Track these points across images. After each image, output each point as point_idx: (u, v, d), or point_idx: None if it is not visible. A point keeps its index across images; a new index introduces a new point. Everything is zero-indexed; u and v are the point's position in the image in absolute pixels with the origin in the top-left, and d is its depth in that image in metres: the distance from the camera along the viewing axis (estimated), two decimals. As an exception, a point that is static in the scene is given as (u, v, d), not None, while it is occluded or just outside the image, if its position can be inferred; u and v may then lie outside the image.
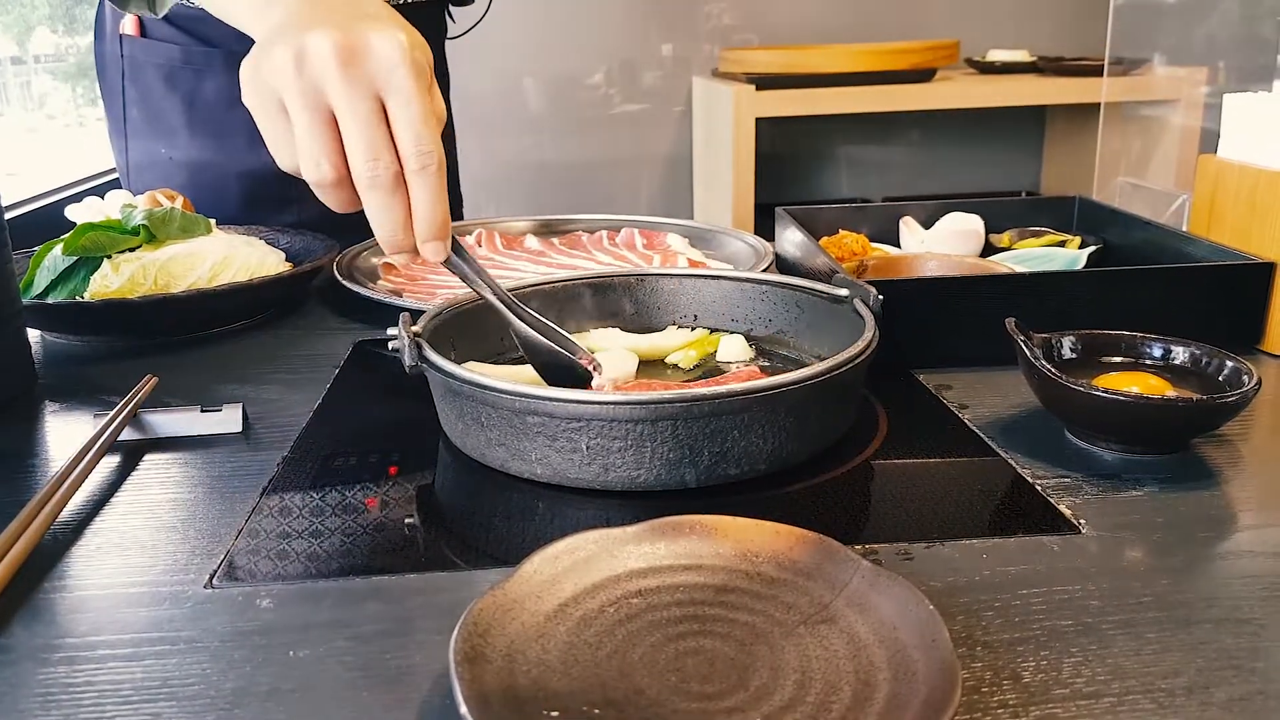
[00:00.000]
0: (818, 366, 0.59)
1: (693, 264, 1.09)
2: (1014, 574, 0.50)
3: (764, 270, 1.02)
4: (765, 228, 2.05)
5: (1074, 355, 0.69)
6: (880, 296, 0.71)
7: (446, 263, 0.60)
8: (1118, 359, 0.69)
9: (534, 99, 2.47)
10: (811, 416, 0.61)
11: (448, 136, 1.36)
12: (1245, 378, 0.62)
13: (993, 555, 0.52)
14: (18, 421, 0.72)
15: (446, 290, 1.02)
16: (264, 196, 1.15)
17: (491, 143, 2.43)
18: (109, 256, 0.88)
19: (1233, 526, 0.55)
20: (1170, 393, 0.64)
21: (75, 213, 1.02)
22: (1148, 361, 0.68)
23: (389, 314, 0.92)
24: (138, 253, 0.89)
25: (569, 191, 2.55)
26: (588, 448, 0.57)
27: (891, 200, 2.49)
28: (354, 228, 1.16)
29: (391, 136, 0.54)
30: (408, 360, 0.63)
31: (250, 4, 0.62)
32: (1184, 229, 1.05)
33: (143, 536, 0.55)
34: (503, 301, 0.66)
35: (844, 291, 0.74)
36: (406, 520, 0.57)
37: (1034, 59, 2.23)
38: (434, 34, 1.30)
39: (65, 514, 0.57)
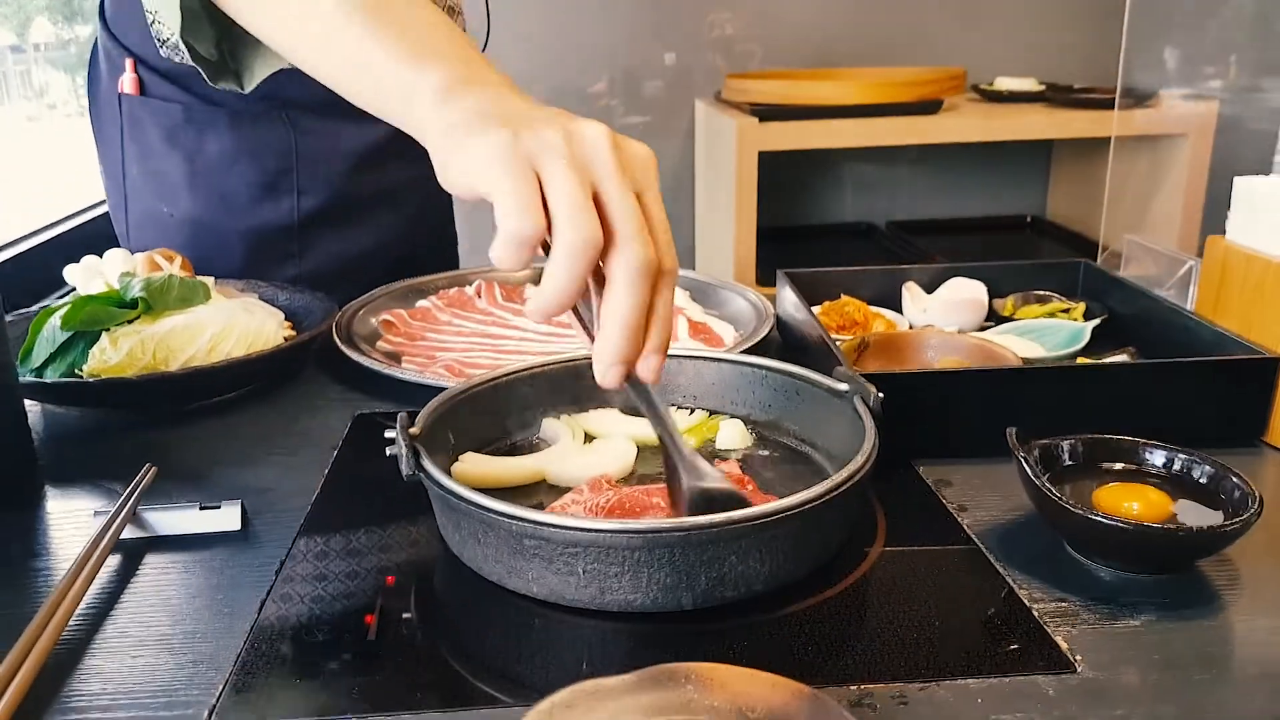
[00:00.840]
0: (816, 490, 0.59)
1: (693, 325, 1.09)
2: (1009, 724, 0.50)
3: (765, 333, 1.01)
4: (766, 254, 2.06)
5: (1074, 462, 0.69)
6: (880, 395, 0.71)
7: (640, 385, 0.56)
8: (1119, 466, 0.69)
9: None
10: (809, 537, 0.60)
11: None
12: (1249, 501, 0.61)
13: (988, 700, 0.52)
14: (18, 512, 0.72)
15: (445, 353, 1.02)
16: (265, 252, 1.15)
17: None
18: (107, 329, 0.88)
19: (1230, 668, 0.54)
20: (1171, 510, 0.64)
21: (73, 274, 1.02)
22: (1150, 470, 0.68)
23: (389, 382, 0.92)
24: (136, 325, 0.89)
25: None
26: (584, 571, 0.57)
27: (896, 224, 2.49)
28: (351, 282, 1.17)
29: None
30: (405, 469, 0.63)
31: (411, 78, 0.57)
32: (1189, 304, 1.05)
33: (142, 662, 0.55)
34: (669, 440, 0.60)
35: (844, 386, 0.74)
36: (403, 627, 0.57)
37: (1042, 87, 2.22)
38: None
39: (68, 630, 0.57)
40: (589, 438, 0.80)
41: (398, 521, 0.71)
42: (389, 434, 0.66)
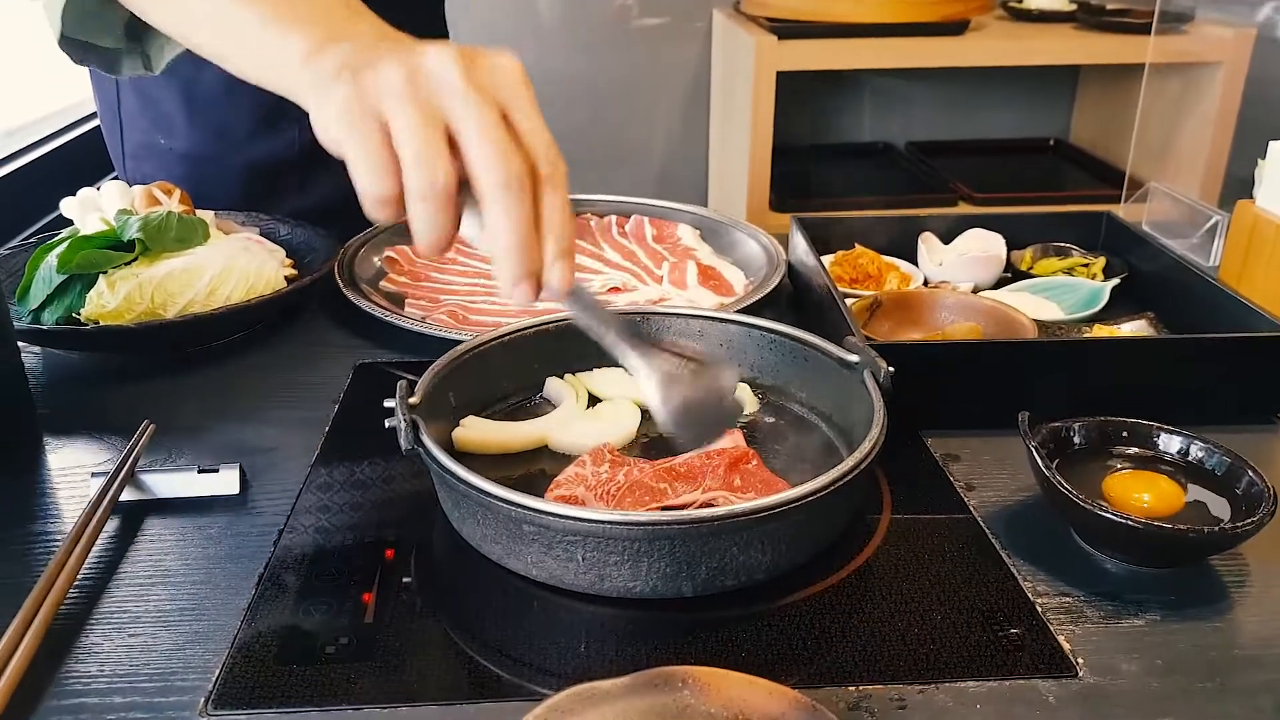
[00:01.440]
0: (821, 480, 0.58)
1: (702, 269, 1.06)
2: (1007, 733, 0.50)
3: (776, 282, 0.99)
4: (780, 174, 2.00)
5: (1085, 445, 0.68)
6: (891, 370, 0.69)
7: (570, 294, 0.53)
8: (1132, 451, 0.67)
9: (545, 6, 2.37)
10: (813, 526, 0.60)
11: None
12: (1263, 497, 0.60)
13: (986, 705, 0.51)
14: (17, 468, 0.72)
15: (449, 297, 1.00)
16: (266, 185, 1.12)
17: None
18: (104, 272, 0.86)
19: (1233, 675, 0.54)
20: (1183, 501, 0.62)
21: (69, 207, 1.00)
22: (1164, 457, 0.66)
23: (392, 327, 0.90)
24: (134, 268, 0.87)
25: (579, 111, 2.46)
26: (583, 559, 0.57)
27: (915, 144, 2.42)
28: (354, 214, 1.14)
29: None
30: (404, 444, 0.62)
31: (277, 44, 0.56)
32: (1213, 260, 1.02)
33: (140, 641, 0.55)
34: (629, 340, 0.57)
35: (854, 358, 0.72)
36: (401, 608, 0.57)
37: (1073, 6, 2.13)
38: None
39: (65, 604, 0.57)
40: (593, 399, 0.79)
41: (397, 486, 0.70)
42: (388, 403, 0.64)
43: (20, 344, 0.79)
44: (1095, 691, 0.52)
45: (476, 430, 0.73)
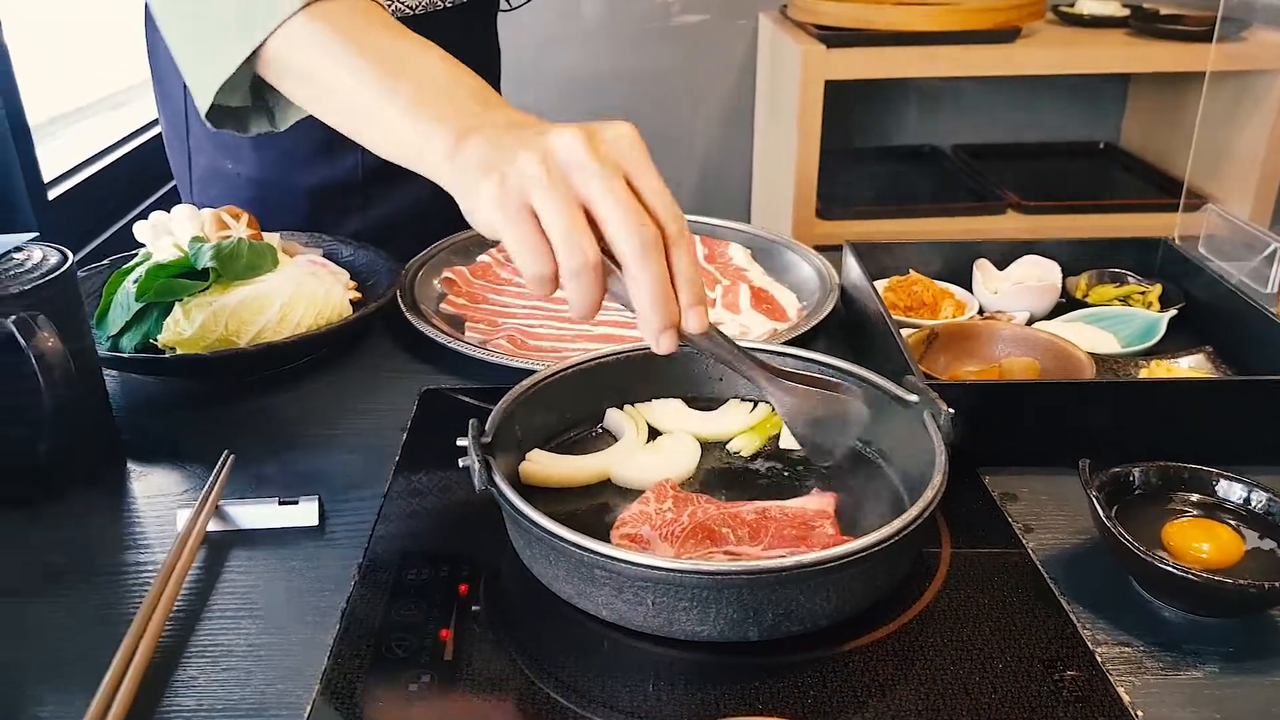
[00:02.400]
0: (886, 531, 0.59)
1: (755, 293, 1.08)
2: (1069, 788, 0.51)
3: (829, 309, 1.00)
4: (824, 177, 2.00)
5: (1145, 490, 0.68)
6: (951, 412, 0.70)
7: (706, 336, 0.60)
8: (1193, 497, 0.68)
9: (588, 5, 2.38)
10: (876, 574, 0.61)
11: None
12: (1323, 552, 0.61)
13: (1049, 759, 0.53)
14: (107, 497, 0.75)
15: (507, 320, 1.02)
16: (328, 207, 1.15)
17: (542, 52, 2.35)
18: (180, 300, 0.89)
19: (1293, 730, 0.55)
20: (1243, 551, 0.63)
21: (142, 231, 1.03)
22: (1227, 505, 0.67)
23: (453, 354, 0.93)
24: (208, 295, 0.90)
25: (623, 107, 2.47)
26: (653, 603, 0.59)
27: (962, 148, 2.41)
28: (412, 232, 1.16)
29: None
30: (477, 484, 0.64)
31: (419, 139, 0.61)
32: (1271, 287, 1.02)
33: (233, 675, 0.58)
34: (762, 368, 0.66)
35: (913, 398, 0.73)
36: (478, 643, 0.59)
37: (1126, 11, 2.10)
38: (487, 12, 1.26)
39: (163, 634, 0.60)
40: (652, 431, 0.81)
41: (466, 515, 0.73)
42: (461, 442, 0.67)
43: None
44: (1155, 746, 0.54)
45: (542, 464, 0.75)
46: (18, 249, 0.73)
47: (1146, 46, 1.97)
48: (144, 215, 1.34)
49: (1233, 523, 0.66)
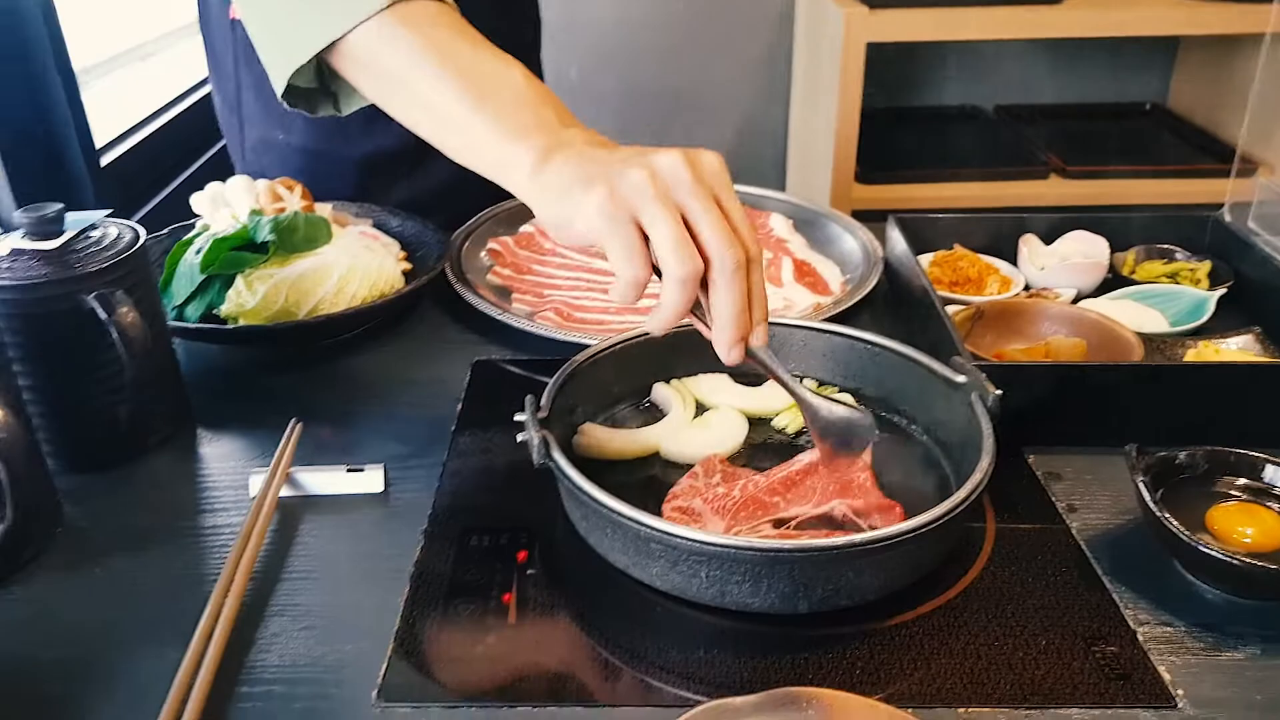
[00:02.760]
0: (936, 512, 0.61)
1: (798, 265, 1.09)
2: (1109, 762, 0.53)
3: (873, 283, 1.01)
4: (863, 140, 1.99)
5: (1192, 473, 0.70)
6: (999, 394, 0.72)
7: (755, 351, 0.65)
8: (1240, 481, 0.69)
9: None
10: (922, 552, 0.63)
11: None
12: (1366, 537, 0.62)
13: (1090, 733, 0.55)
14: (181, 464, 0.78)
15: (553, 291, 1.04)
16: (378, 176, 1.17)
17: (574, 6, 2.34)
18: (242, 272, 0.92)
19: (1330, 711, 0.56)
20: (1285, 537, 0.64)
21: (199, 203, 1.06)
22: (1275, 490, 0.68)
23: (502, 325, 0.95)
24: (268, 268, 0.92)
25: (656, 60, 2.45)
26: (707, 576, 0.61)
27: (1004, 109, 2.38)
28: (456, 202, 1.18)
29: None
30: (536, 458, 0.66)
31: (504, 153, 0.65)
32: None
33: (314, 634, 0.62)
34: (796, 385, 0.70)
35: (961, 378, 0.74)
36: (538, 607, 0.62)
37: (1179, -30, 2.06)
38: None
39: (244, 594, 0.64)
40: (699, 406, 0.83)
41: (520, 483, 0.75)
42: (519, 417, 0.69)
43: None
44: (1194, 724, 0.55)
45: (594, 438, 0.77)
46: (93, 226, 0.76)
47: (1198, 8, 1.93)
48: (194, 179, 1.37)
49: (1278, 508, 0.67)
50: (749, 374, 0.86)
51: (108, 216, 0.79)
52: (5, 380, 0.64)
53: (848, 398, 0.82)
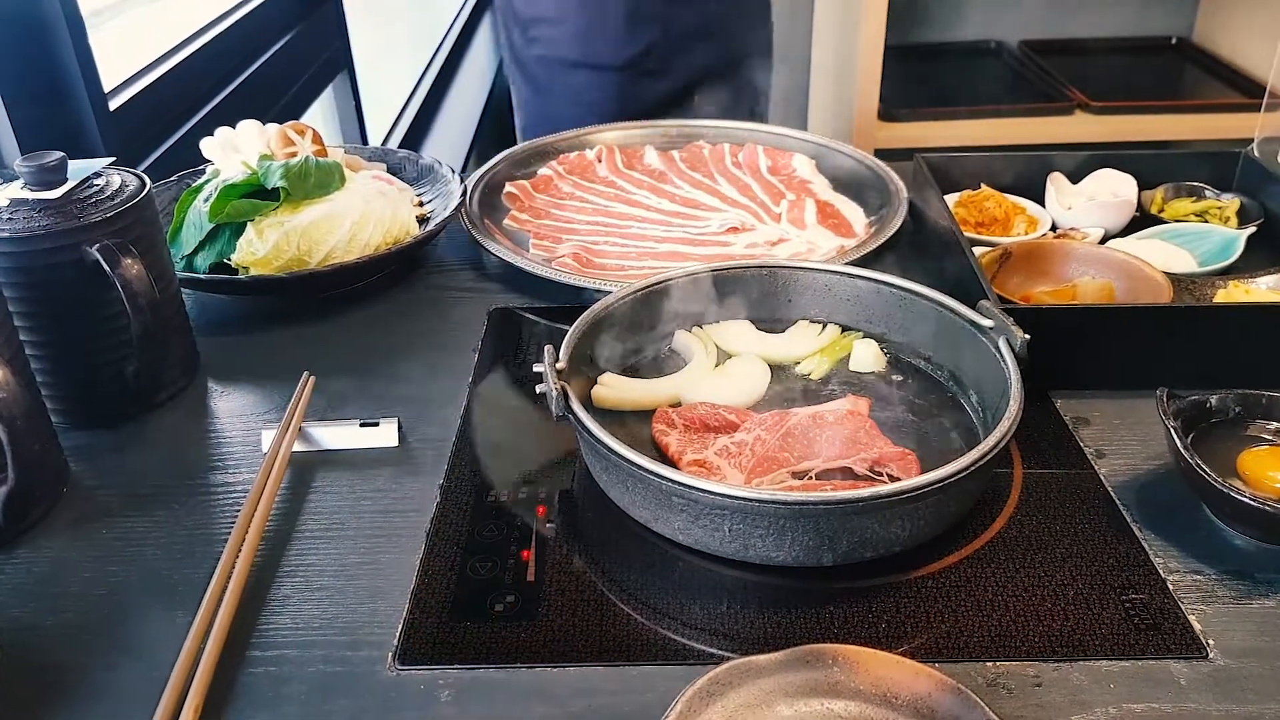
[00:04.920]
0: (962, 462, 0.59)
1: (820, 206, 1.06)
2: (1140, 714, 0.52)
3: (898, 224, 0.99)
4: (887, 77, 1.94)
5: (1223, 416, 0.68)
6: (1026, 337, 0.70)
7: None
8: (1273, 425, 0.67)
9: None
10: (950, 503, 0.62)
11: None
12: (1405, 484, 0.60)
13: (1119, 685, 0.54)
14: (192, 420, 0.77)
15: (571, 236, 1.02)
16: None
17: None
18: (252, 220, 0.90)
19: (1366, 661, 0.55)
20: (1320, 482, 0.63)
21: (209, 148, 1.04)
22: (1305, 433, 0.67)
23: (519, 271, 0.93)
24: (279, 215, 0.90)
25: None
26: (730, 529, 0.60)
27: (1028, 44, 2.32)
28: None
29: None
30: (554, 410, 0.65)
31: None
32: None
33: (326, 594, 0.61)
34: None
35: (988, 323, 0.72)
36: (557, 565, 0.61)
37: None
38: None
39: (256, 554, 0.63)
40: (721, 353, 0.81)
41: (538, 434, 0.74)
42: (537, 368, 0.67)
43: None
44: (1225, 674, 0.54)
45: (615, 388, 0.76)
46: (96, 174, 0.74)
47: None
48: (207, 123, 1.35)
49: (1312, 452, 0.65)
50: (773, 320, 0.84)
51: (112, 164, 0.77)
52: (5, 335, 0.62)
53: (873, 344, 0.80)
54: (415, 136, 2.07)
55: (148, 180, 0.75)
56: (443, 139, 2.25)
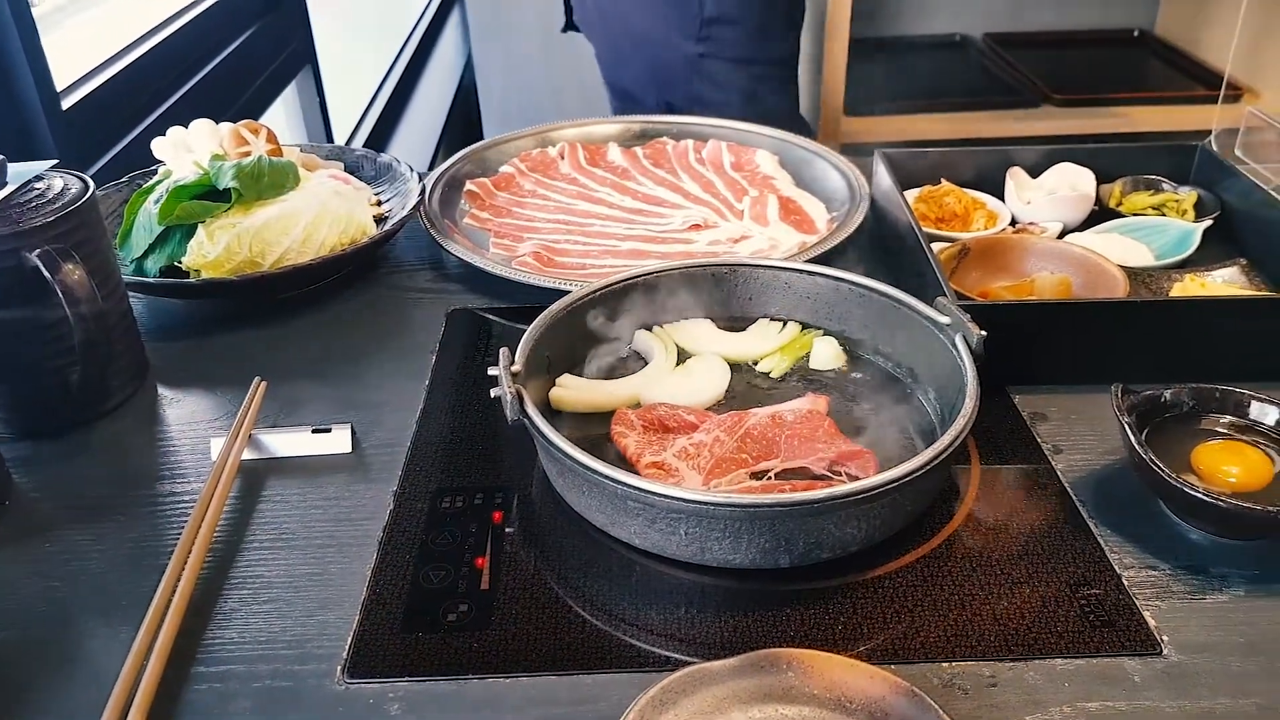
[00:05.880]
0: (917, 461, 0.59)
1: (783, 203, 1.06)
2: (1094, 713, 0.52)
3: (859, 221, 0.98)
4: (852, 72, 1.94)
5: (1178, 411, 0.68)
6: (982, 334, 0.69)
7: None
8: (1225, 419, 0.68)
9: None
10: (906, 502, 0.61)
11: None
12: (1356, 477, 0.60)
13: (1075, 684, 0.54)
14: (140, 428, 0.76)
15: (532, 235, 1.01)
16: None
17: None
18: (203, 222, 0.88)
19: (1317, 654, 0.56)
20: (1272, 473, 0.63)
21: (160, 148, 1.02)
22: (1259, 427, 0.67)
23: (479, 271, 0.92)
24: (231, 217, 0.89)
25: None
26: (686, 533, 0.59)
27: (993, 36, 2.33)
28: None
29: None
30: (509, 415, 0.64)
31: None
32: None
33: (273, 607, 0.59)
34: None
35: (945, 319, 0.72)
36: (513, 573, 0.60)
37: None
38: None
39: (203, 566, 0.61)
40: (682, 352, 0.80)
41: (497, 438, 0.73)
42: (492, 371, 0.66)
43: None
44: (1178, 670, 0.54)
45: (573, 390, 0.75)
46: (37, 178, 0.72)
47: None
48: (161, 123, 1.32)
49: (1264, 445, 0.66)
50: (734, 318, 0.83)
51: (54, 167, 0.75)
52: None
53: (833, 342, 0.80)
54: (382, 132, 2.05)
55: (91, 183, 0.73)
56: (410, 135, 2.24)
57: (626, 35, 1.57)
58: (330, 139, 1.86)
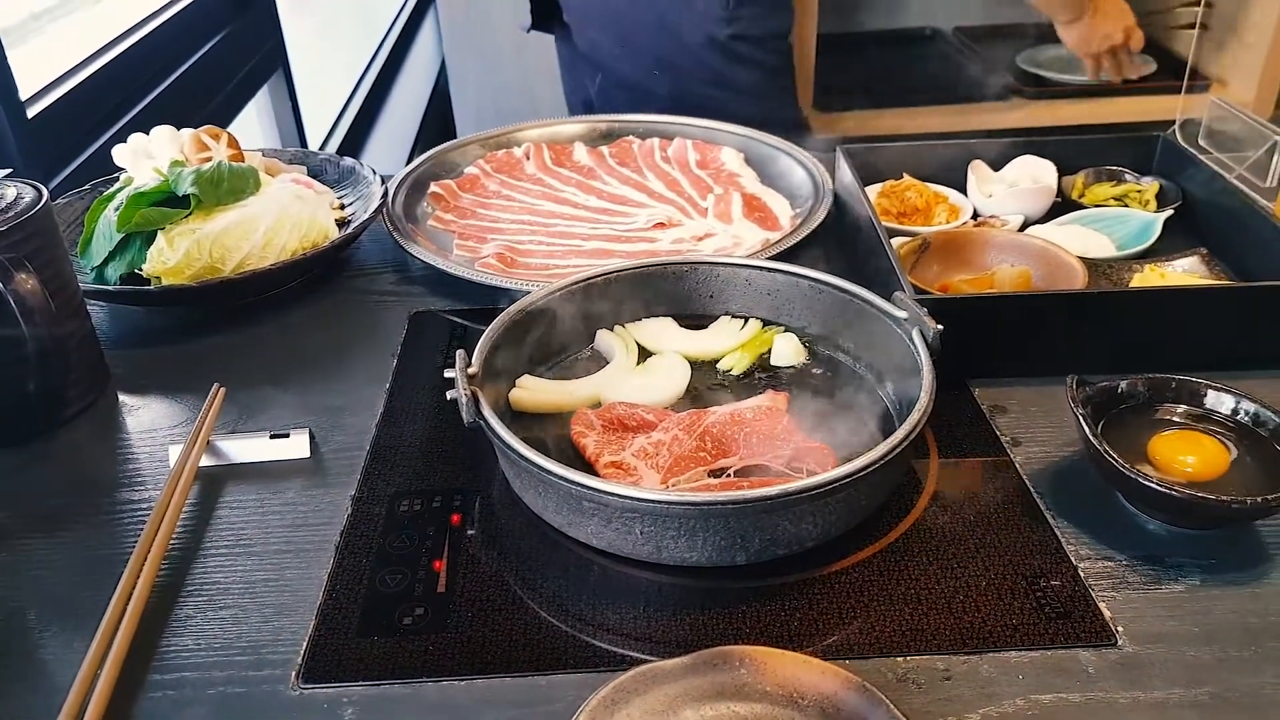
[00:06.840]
0: (873, 454, 0.59)
1: (747, 200, 1.06)
2: (1048, 705, 0.52)
3: (822, 217, 0.99)
4: (821, 67, 1.94)
5: (1134, 401, 0.68)
6: (940, 329, 0.70)
7: None
8: (1181, 408, 0.68)
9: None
10: (861, 496, 0.62)
11: None
12: (1307, 464, 0.61)
13: (1029, 676, 0.54)
14: (98, 436, 0.75)
15: (496, 236, 1.01)
16: None
17: None
18: (162, 229, 0.88)
19: (1269, 643, 0.56)
20: (1228, 462, 0.63)
21: (121, 155, 1.01)
22: (1215, 416, 0.67)
23: (442, 273, 0.92)
24: (191, 223, 0.88)
25: None
26: (642, 532, 0.59)
27: (963, 31, 2.33)
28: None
29: None
30: (466, 417, 0.64)
31: None
32: (1271, 180, 1.00)
33: (229, 613, 0.59)
34: None
35: (902, 314, 0.72)
36: (470, 576, 0.60)
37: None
38: None
39: (159, 573, 0.61)
40: (643, 351, 0.80)
41: (458, 444, 0.73)
42: (448, 373, 0.66)
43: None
44: (1133, 661, 0.55)
45: (532, 391, 0.75)
46: (-11, 187, 0.72)
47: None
48: (129, 130, 1.32)
49: (1220, 434, 0.66)
50: (695, 315, 0.83)
51: (8, 176, 0.75)
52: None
53: (793, 338, 0.80)
54: (357, 136, 2.04)
55: (45, 191, 0.73)
56: (385, 138, 2.23)
57: (639, 25, 1.55)
58: (304, 143, 1.85)
